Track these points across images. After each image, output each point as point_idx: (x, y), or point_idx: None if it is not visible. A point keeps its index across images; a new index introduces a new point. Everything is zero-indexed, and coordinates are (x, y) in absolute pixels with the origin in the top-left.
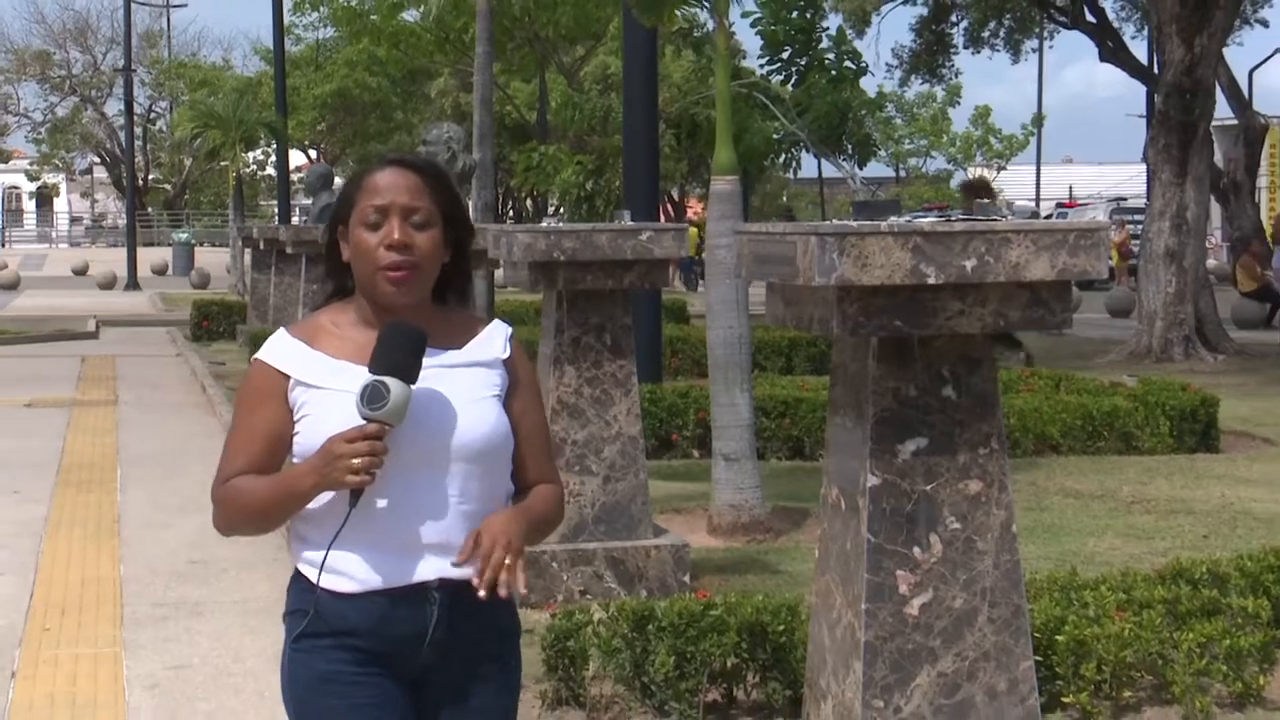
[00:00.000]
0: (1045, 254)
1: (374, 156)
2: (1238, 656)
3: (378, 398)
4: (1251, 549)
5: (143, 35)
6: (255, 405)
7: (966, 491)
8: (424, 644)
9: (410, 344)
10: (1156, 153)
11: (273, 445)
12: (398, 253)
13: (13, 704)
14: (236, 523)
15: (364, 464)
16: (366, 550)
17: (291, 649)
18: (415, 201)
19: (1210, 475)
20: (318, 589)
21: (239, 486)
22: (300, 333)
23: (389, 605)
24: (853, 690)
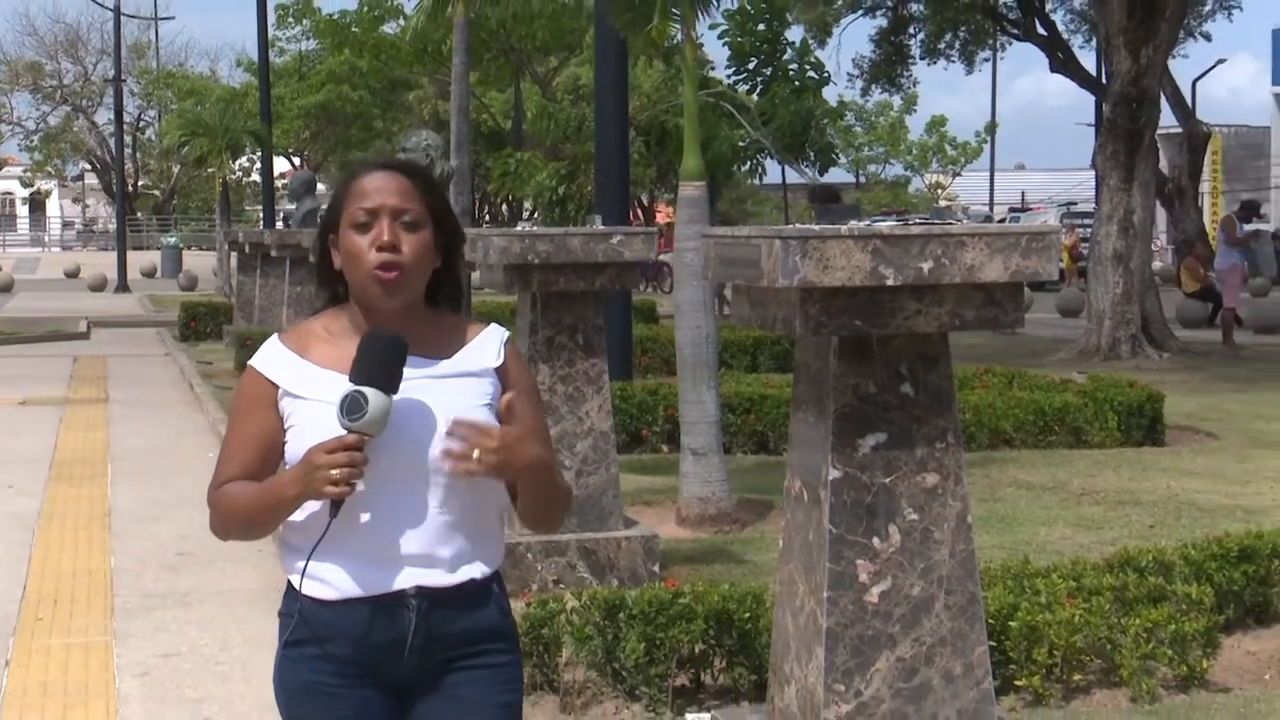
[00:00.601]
0: (999, 256)
1: (360, 161)
2: (1182, 641)
3: (356, 408)
4: (1195, 538)
5: (132, 47)
6: (247, 413)
7: (924, 484)
8: (404, 652)
9: (390, 353)
10: (1105, 159)
11: (264, 452)
12: (387, 253)
13: (7, 691)
14: (229, 527)
15: (343, 475)
16: (346, 559)
17: (281, 654)
18: (404, 203)
19: (1156, 468)
20: (300, 596)
21: (230, 492)
22: (291, 341)
23: (368, 613)
24: (815, 675)
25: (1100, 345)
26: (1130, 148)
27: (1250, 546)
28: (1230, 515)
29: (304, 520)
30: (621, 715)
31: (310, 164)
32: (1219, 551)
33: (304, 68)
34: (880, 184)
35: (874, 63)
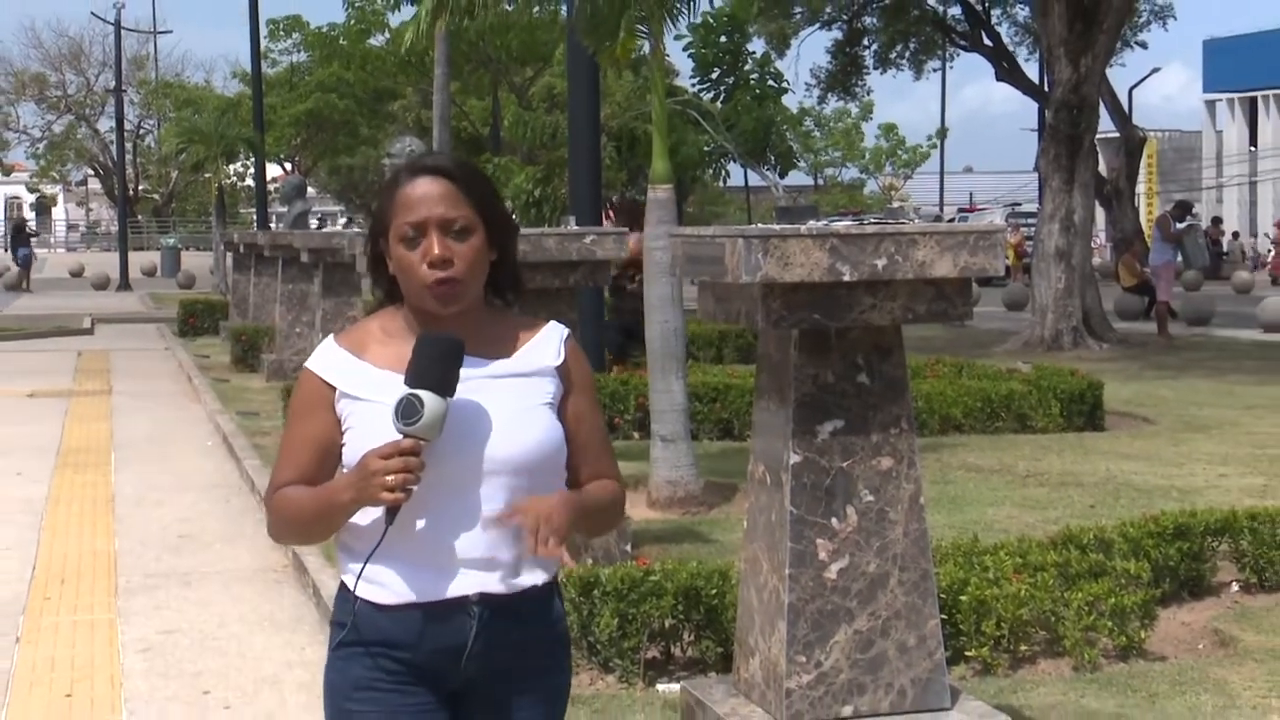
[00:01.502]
0: (948, 254)
1: (405, 165)
2: (1122, 613)
3: (411, 412)
4: (1133, 517)
5: (131, 59)
6: (303, 415)
7: (879, 467)
8: (463, 658)
9: (445, 355)
10: (1047, 162)
11: (322, 455)
12: (440, 269)
13: (17, 666)
14: (284, 532)
15: (398, 481)
16: (405, 564)
17: (331, 656)
18: (451, 211)
19: (1096, 451)
20: (356, 599)
21: (287, 496)
22: (347, 341)
23: (426, 619)
24: (778, 647)
25: (1044, 337)
26: (1071, 151)
27: (1184, 524)
28: (1166, 495)
29: (364, 525)
30: (596, 686)
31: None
32: (1155, 529)
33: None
34: (837, 186)
35: (830, 72)
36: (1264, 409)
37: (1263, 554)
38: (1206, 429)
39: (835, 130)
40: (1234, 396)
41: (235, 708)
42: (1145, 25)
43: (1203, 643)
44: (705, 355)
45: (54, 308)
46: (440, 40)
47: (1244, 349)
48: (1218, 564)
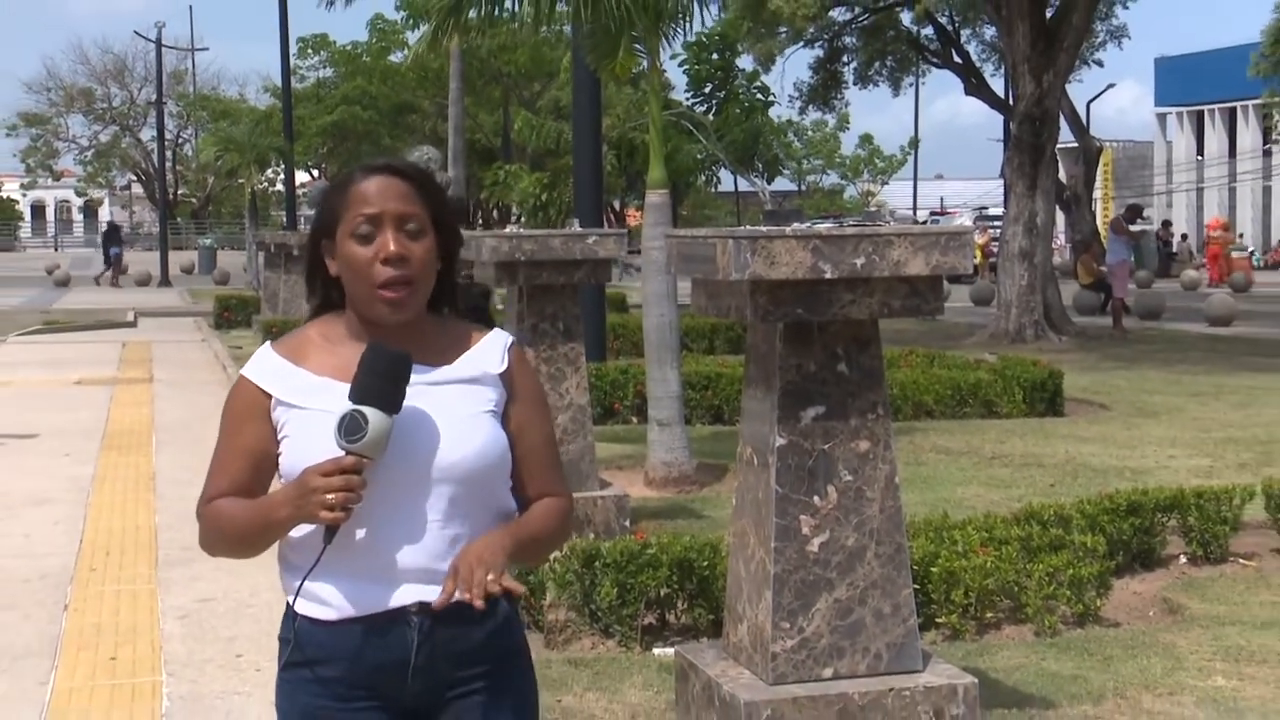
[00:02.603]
0: (921, 253)
1: (356, 165)
2: (1079, 583)
3: (355, 429)
4: (1090, 495)
5: (171, 74)
6: (238, 424)
7: (857, 450)
8: (408, 672)
9: (392, 369)
10: (1012, 170)
11: (256, 465)
12: (394, 266)
13: (65, 632)
14: (216, 545)
15: (339, 499)
16: (344, 578)
17: (280, 678)
18: (407, 208)
19: (1056, 435)
20: (297, 617)
21: (220, 509)
22: (285, 349)
23: (366, 633)
24: (764, 614)
25: (1008, 330)
26: (1034, 160)
27: (1137, 502)
28: (1120, 475)
29: (301, 537)
30: (597, 650)
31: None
32: (1110, 506)
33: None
34: (819, 191)
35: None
36: (1209, 396)
37: (1208, 529)
38: (1157, 414)
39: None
40: (1182, 385)
41: (266, 670)
42: (1102, 44)
43: (1153, 610)
44: (698, 347)
45: (100, 303)
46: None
47: (1191, 341)
48: (1167, 538)
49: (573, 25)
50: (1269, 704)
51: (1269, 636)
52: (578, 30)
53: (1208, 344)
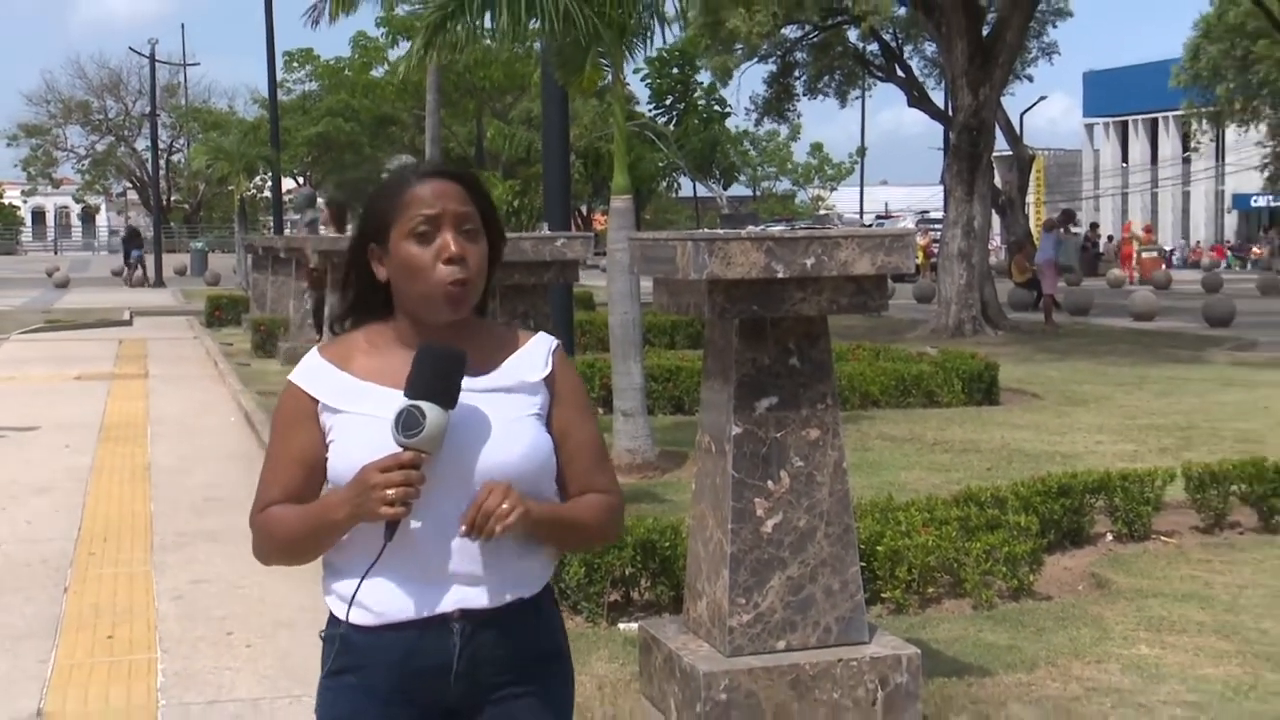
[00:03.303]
0: (867, 254)
1: (404, 168)
2: (1014, 560)
3: (413, 424)
4: (1024, 478)
5: (164, 87)
6: (287, 430)
7: (808, 437)
8: (450, 677)
9: (448, 366)
10: (951, 176)
11: (308, 471)
12: (457, 265)
13: (65, 613)
14: (272, 553)
15: (399, 495)
16: (393, 582)
17: (322, 683)
18: (465, 208)
19: (993, 423)
20: (344, 623)
21: (274, 516)
22: (331, 353)
23: (410, 638)
24: (722, 591)
25: (948, 325)
26: (971, 167)
27: (1067, 484)
28: (1051, 459)
29: (348, 538)
30: (567, 625)
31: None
32: (1042, 488)
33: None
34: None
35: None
36: (1133, 386)
37: (1133, 509)
38: (1086, 403)
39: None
40: (1108, 376)
41: (256, 646)
42: (1034, 60)
43: (1082, 584)
44: (660, 342)
45: (98, 302)
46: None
47: (1117, 335)
48: (1095, 518)
49: (543, 42)
50: (1188, 670)
51: (1188, 608)
52: (547, 46)
53: (1132, 338)
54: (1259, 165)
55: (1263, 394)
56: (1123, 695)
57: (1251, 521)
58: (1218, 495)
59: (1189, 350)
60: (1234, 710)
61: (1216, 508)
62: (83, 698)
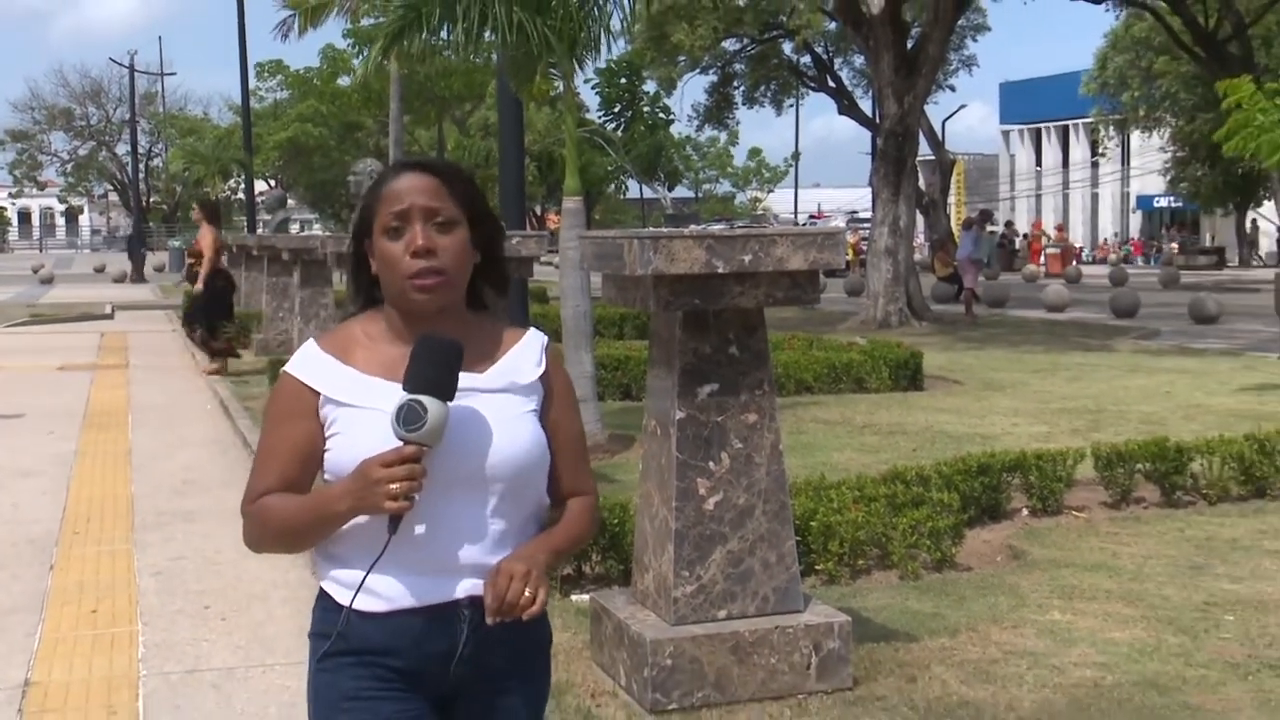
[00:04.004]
0: (801, 251)
1: (390, 165)
2: (937, 534)
3: (414, 418)
4: (946, 458)
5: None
6: (285, 421)
7: (746, 421)
8: (453, 662)
9: (446, 358)
10: (879, 179)
11: (304, 462)
12: (423, 259)
13: (51, 589)
14: (265, 541)
15: (403, 489)
16: (400, 573)
17: (316, 668)
18: (435, 203)
19: (918, 407)
20: (348, 610)
21: (269, 505)
22: (330, 346)
23: (419, 624)
24: (667, 564)
25: (876, 317)
26: (897, 171)
27: (986, 463)
28: (971, 440)
29: (347, 529)
30: None
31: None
32: (963, 467)
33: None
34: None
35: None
36: (1047, 372)
37: (1046, 486)
38: (1003, 388)
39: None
40: (1024, 363)
41: (230, 618)
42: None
43: (999, 556)
44: (609, 333)
45: (81, 297)
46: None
47: (1032, 325)
48: (1011, 494)
49: (498, 52)
50: (1096, 634)
51: (1097, 577)
52: (503, 58)
53: (1045, 328)
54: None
55: (1165, 379)
56: (1037, 658)
57: (1155, 497)
58: (1124, 473)
59: (1097, 339)
60: (1138, 670)
61: (1123, 485)
62: (68, 668)
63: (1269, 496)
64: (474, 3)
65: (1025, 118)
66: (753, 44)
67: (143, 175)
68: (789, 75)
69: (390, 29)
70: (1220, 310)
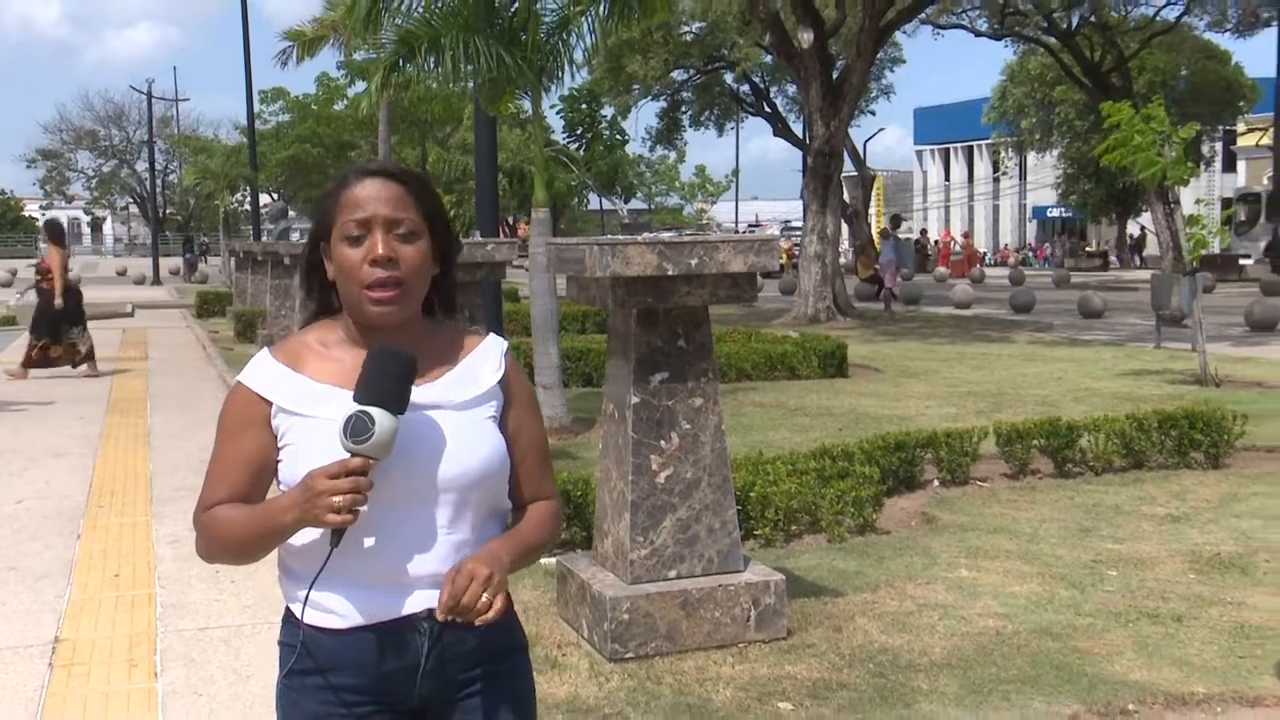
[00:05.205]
0: (741, 255)
1: (349, 167)
2: (860, 503)
3: (361, 430)
4: (868, 436)
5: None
6: (236, 432)
7: (693, 405)
8: (418, 677)
9: (398, 370)
10: (809, 193)
11: (256, 473)
12: (383, 268)
13: (78, 556)
14: (214, 552)
15: (346, 502)
16: (352, 587)
17: (283, 684)
18: (399, 213)
19: (844, 392)
20: (303, 626)
21: (218, 516)
22: (283, 355)
23: (377, 641)
24: (624, 530)
25: (807, 313)
26: (825, 185)
27: (902, 440)
28: (890, 421)
29: (303, 545)
30: None
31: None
32: (883, 444)
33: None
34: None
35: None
36: (955, 361)
37: (955, 460)
38: (917, 375)
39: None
40: (935, 353)
41: (239, 582)
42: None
43: (914, 521)
44: (573, 328)
45: (105, 298)
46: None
47: (942, 320)
48: (924, 467)
49: (475, 81)
50: (999, 588)
51: (999, 539)
52: (478, 85)
53: (954, 322)
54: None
55: (1057, 367)
56: (947, 609)
57: (1048, 469)
58: (1022, 448)
59: (998, 332)
60: (1034, 620)
61: (1021, 458)
62: (93, 626)
63: (1146, 468)
64: (457, 37)
65: (936, 139)
66: (698, 74)
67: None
68: (730, 102)
69: (389, 61)
70: (1105, 306)
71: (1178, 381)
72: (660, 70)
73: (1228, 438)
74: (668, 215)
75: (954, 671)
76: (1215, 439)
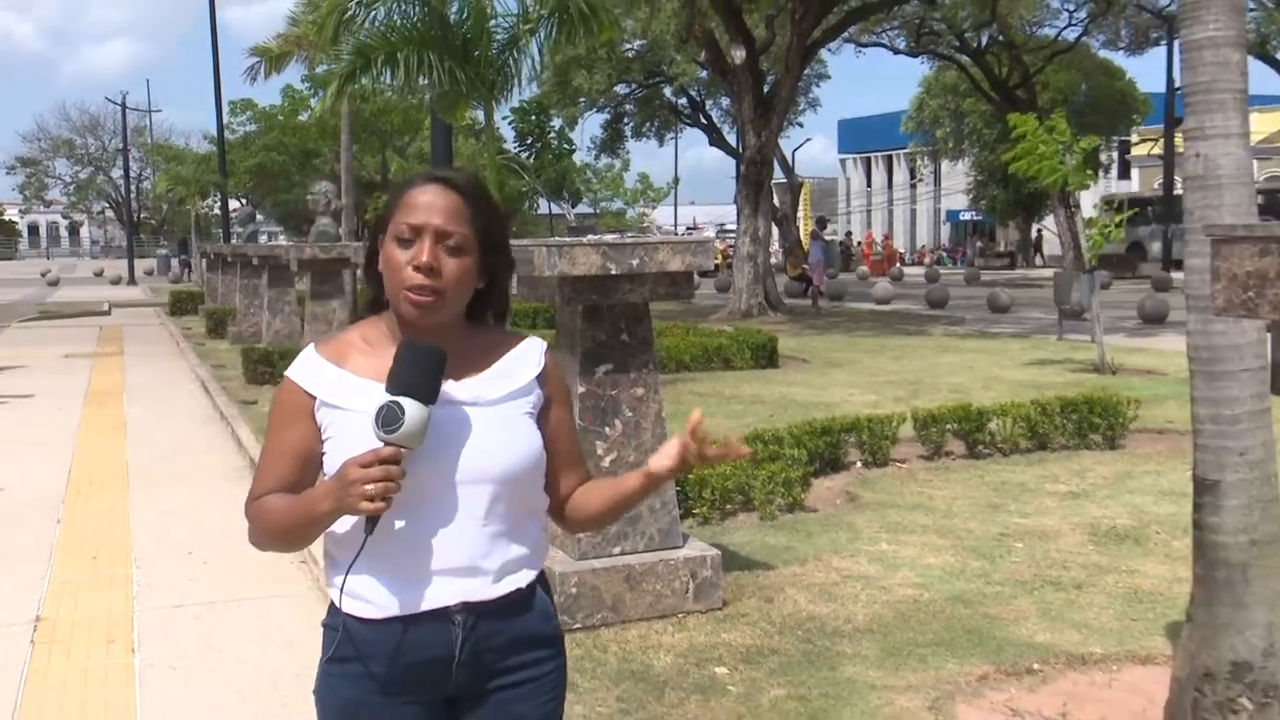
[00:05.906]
0: (679, 255)
1: (421, 172)
2: (789, 483)
3: (392, 419)
4: (796, 421)
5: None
6: (283, 424)
7: (635, 394)
8: (452, 667)
9: (427, 362)
10: (742, 198)
11: (301, 464)
12: (424, 275)
13: (58, 539)
14: (264, 540)
15: (378, 490)
16: (387, 575)
17: (324, 669)
18: (450, 225)
19: (775, 382)
20: (341, 613)
21: (265, 506)
22: (328, 351)
23: (411, 631)
24: None
25: (740, 309)
26: (756, 191)
27: (828, 425)
28: (817, 408)
29: (344, 533)
30: None
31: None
32: (810, 429)
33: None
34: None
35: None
36: (876, 352)
37: (876, 443)
38: (841, 366)
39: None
40: (858, 345)
41: (211, 562)
42: (803, 110)
43: (839, 499)
44: (524, 323)
45: (83, 297)
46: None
47: (864, 315)
48: (848, 450)
49: (430, 95)
50: (916, 560)
51: (916, 515)
52: (434, 97)
53: (875, 317)
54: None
55: (969, 358)
56: (869, 580)
57: (961, 451)
58: (936, 432)
59: (915, 325)
60: (949, 588)
61: (936, 441)
62: (73, 605)
63: (1049, 449)
64: (412, 51)
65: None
66: (640, 88)
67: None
68: (669, 114)
69: (344, 70)
70: (1011, 302)
71: (1078, 370)
72: (604, 84)
73: (1123, 421)
74: (612, 219)
75: (875, 637)
76: (1112, 422)
